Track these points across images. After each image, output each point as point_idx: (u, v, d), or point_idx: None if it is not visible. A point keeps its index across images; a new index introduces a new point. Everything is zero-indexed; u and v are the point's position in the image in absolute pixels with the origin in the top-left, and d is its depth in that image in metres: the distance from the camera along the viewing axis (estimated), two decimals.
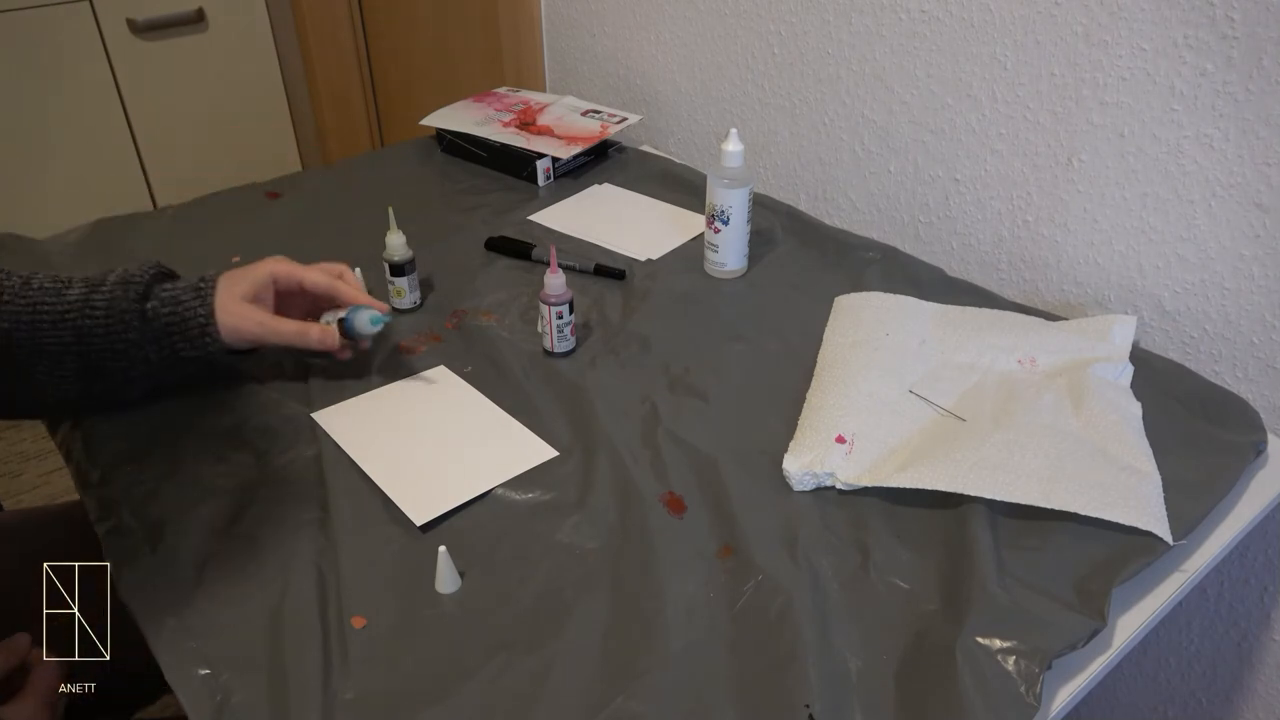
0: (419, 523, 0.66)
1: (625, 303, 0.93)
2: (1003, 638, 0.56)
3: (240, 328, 0.74)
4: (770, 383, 0.81)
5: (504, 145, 1.20)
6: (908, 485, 0.66)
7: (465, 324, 0.90)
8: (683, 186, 1.16)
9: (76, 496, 0.75)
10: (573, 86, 1.47)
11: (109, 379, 0.74)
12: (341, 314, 0.79)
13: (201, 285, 0.74)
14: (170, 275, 0.78)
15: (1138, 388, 0.77)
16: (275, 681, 0.55)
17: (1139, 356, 0.81)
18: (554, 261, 0.82)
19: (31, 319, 0.70)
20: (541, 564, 0.64)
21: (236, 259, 0.98)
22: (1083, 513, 0.63)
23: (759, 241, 1.02)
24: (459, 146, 1.25)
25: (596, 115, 1.28)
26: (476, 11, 1.59)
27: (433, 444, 0.74)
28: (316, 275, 0.78)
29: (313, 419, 0.77)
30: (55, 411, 0.77)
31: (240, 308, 0.74)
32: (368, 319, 0.77)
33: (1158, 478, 0.67)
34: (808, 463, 0.69)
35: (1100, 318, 0.83)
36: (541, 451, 0.73)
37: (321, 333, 0.77)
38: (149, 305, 0.73)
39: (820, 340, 0.85)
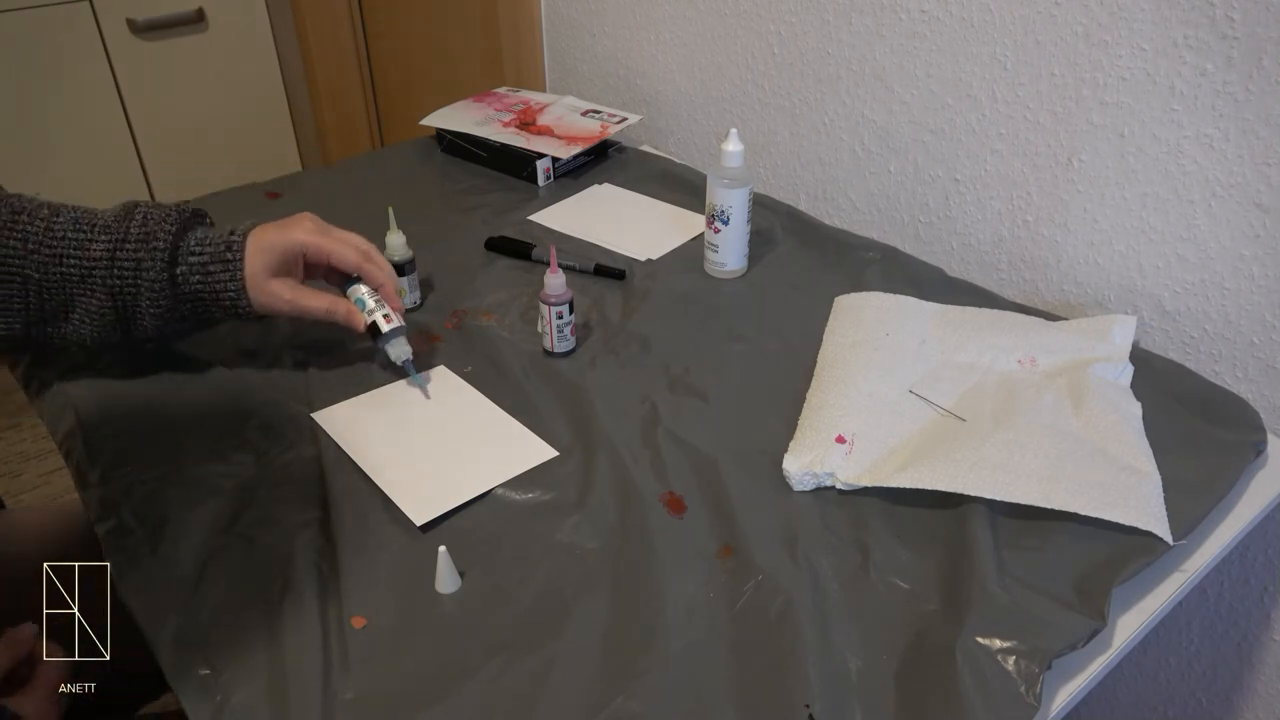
0: (419, 523, 0.66)
1: (625, 303, 0.93)
2: (1003, 638, 0.56)
3: (270, 305, 0.75)
4: (770, 383, 0.81)
5: (504, 145, 1.20)
6: (908, 485, 0.66)
7: (465, 324, 0.90)
8: (683, 186, 1.16)
9: (76, 496, 0.76)
10: (573, 86, 1.47)
11: (146, 328, 0.74)
12: (368, 290, 0.79)
13: (230, 256, 0.73)
14: (196, 218, 0.77)
15: (1138, 388, 0.77)
16: (275, 681, 0.55)
17: (1139, 356, 0.81)
18: (554, 261, 0.82)
19: (60, 271, 0.70)
20: (541, 564, 0.64)
21: None
22: (1083, 513, 0.63)
23: (759, 241, 1.02)
24: (459, 146, 1.25)
25: (596, 115, 1.28)
26: (476, 11, 1.59)
27: (433, 444, 0.74)
28: (346, 253, 0.77)
29: (313, 419, 0.77)
30: (100, 345, 0.77)
31: (269, 285, 0.74)
32: (401, 353, 0.78)
33: (1158, 478, 0.67)
34: (808, 463, 0.69)
35: (1100, 318, 0.83)
36: (541, 451, 0.73)
37: (349, 313, 0.77)
38: (178, 270, 0.73)
39: (820, 340, 0.85)
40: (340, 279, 0.80)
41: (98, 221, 0.72)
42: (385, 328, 0.78)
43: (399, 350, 0.79)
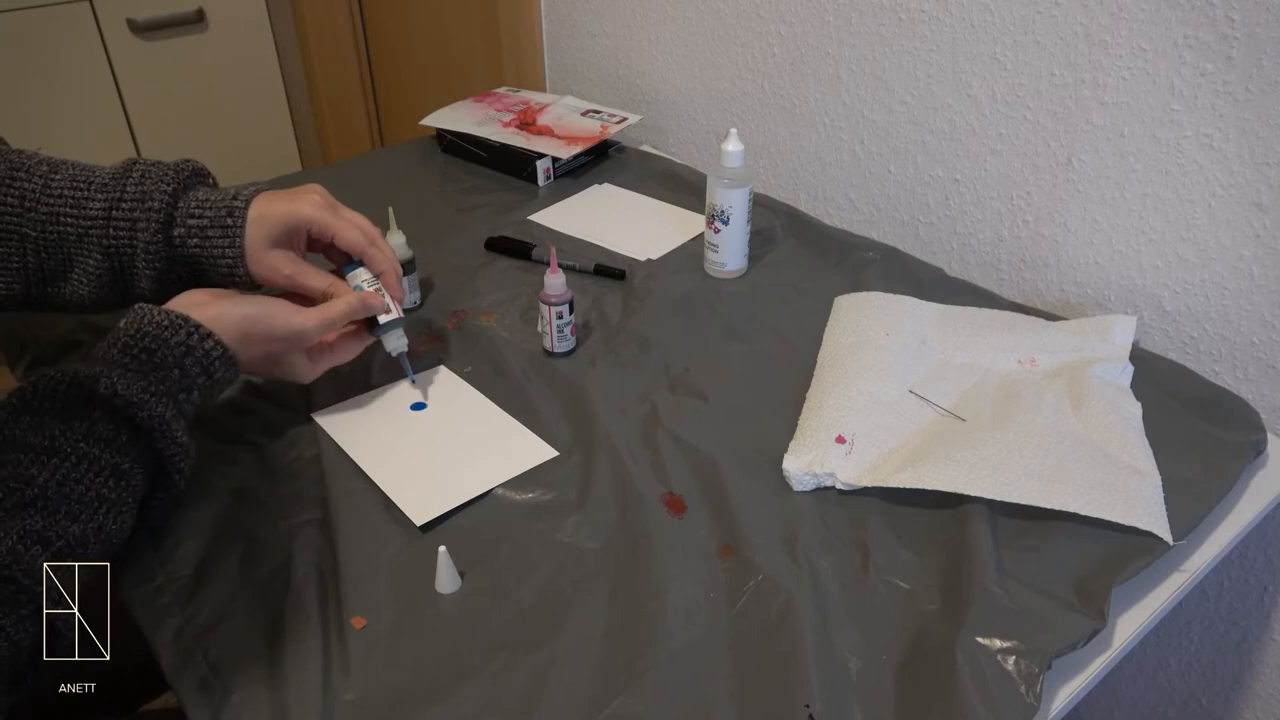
0: (419, 523, 0.66)
1: (625, 303, 0.93)
2: (1003, 638, 0.56)
3: (267, 278, 0.72)
4: (770, 383, 0.81)
5: (504, 145, 1.20)
6: (908, 485, 0.66)
7: (465, 324, 0.90)
8: (683, 186, 1.16)
9: None
10: (573, 86, 1.47)
11: (143, 290, 0.72)
12: (369, 277, 0.76)
13: (230, 222, 0.70)
14: (196, 177, 0.74)
15: (1138, 388, 0.77)
16: (275, 681, 0.55)
17: (1139, 356, 0.81)
18: (554, 261, 0.82)
19: (57, 230, 0.69)
20: (541, 564, 0.64)
21: None
22: (1083, 513, 0.63)
23: (759, 241, 1.02)
24: (459, 146, 1.25)
25: (596, 115, 1.28)
26: (476, 11, 1.59)
27: (433, 444, 0.74)
28: (352, 235, 0.74)
29: (313, 419, 0.77)
30: (99, 307, 0.74)
31: (268, 256, 0.71)
32: (397, 345, 0.77)
33: (1158, 478, 0.67)
34: (808, 463, 0.69)
35: (1100, 318, 0.83)
36: (541, 451, 0.73)
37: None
38: (175, 233, 0.71)
39: (820, 340, 0.85)
40: (342, 259, 0.78)
41: (95, 179, 0.71)
42: (382, 319, 0.76)
43: (395, 342, 0.77)
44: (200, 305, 0.66)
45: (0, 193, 0.69)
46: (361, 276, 0.76)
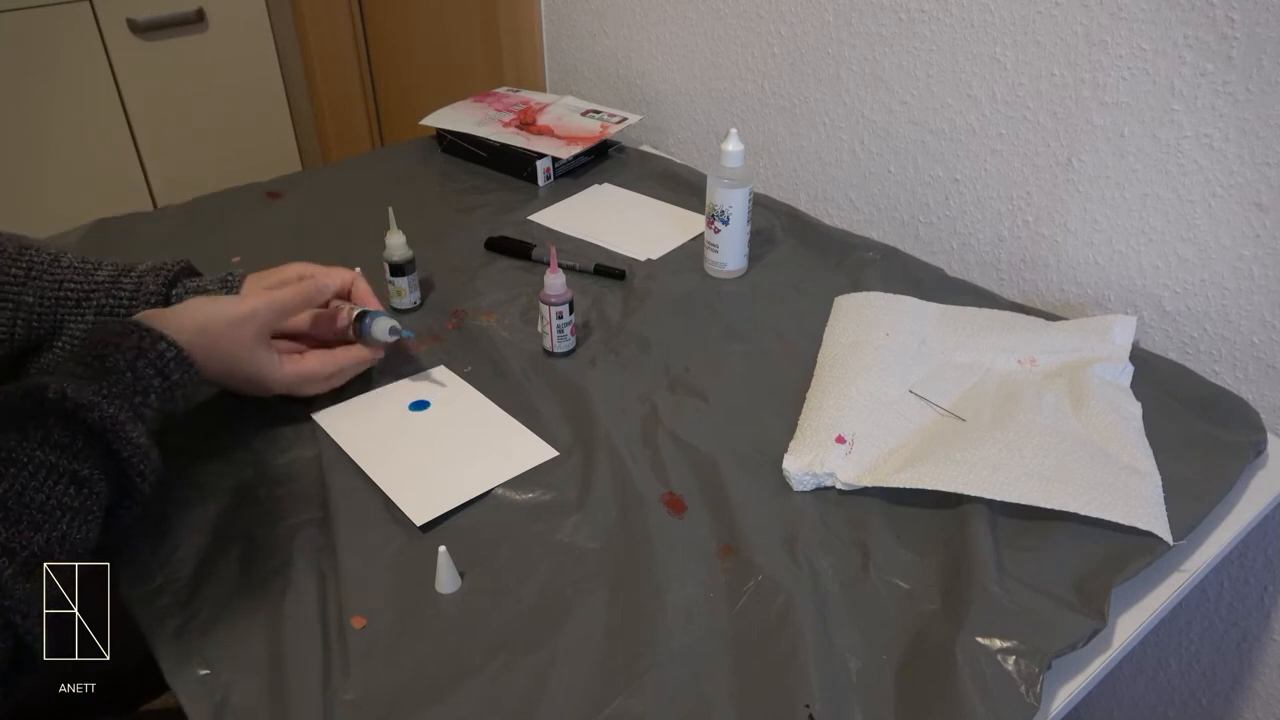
0: (419, 523, 0.66)
1: (625, 303, 0.93)
2: (1003, 638, 0.56)
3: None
4: (770, 383, 0.81)
5: (504, 145, 1.20)
6: (908, 485, 0.66)
7: (465, 324, 0.90)
8: (683, 186, 1.16)
9: None
10: (573, 86, 1.47)
11: None
12: (358, 307, 0.79)
13: (229, 278, 0.77)
14: (196, 274, 0.80)
15: (1138, 388, 0.77)
16: (275, 681, 0.55)
17: (1139, 356, 0.81)
18: (554, 261, 0.82)
19: (56, 295, 0.72)
20: (541, 564, 0.64)
21: (237, 259, 0.99)
22: (1083, 513, 0.63)
23: (759, 241, 1.02)
24: (459, 146, 1.25)
25: (596, 115, 1.28)
26: (476, 11, 1.59)
27: (433, 444, 0.74)
28: (336, 273, 0.80)
29: (313, 419, 0.77)
30: None
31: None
32: (386, 328, 0.77)
33: (1158, 478, 0.67)
34: (808, 463, 0.69)
35: (1100, 318, 0.83)
36: (541, 451, 0.73)
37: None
38: (174, 293, 0.76)
39: (820, 340, 0.85)
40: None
41: (105, 260, 0.76)
42: (368, 316, 0.78)
43: (382, 325, 0.77)
44: (155, 315, 0.67)
45: (8, 264, 0.72)
46: (384, 325, 0.77)
